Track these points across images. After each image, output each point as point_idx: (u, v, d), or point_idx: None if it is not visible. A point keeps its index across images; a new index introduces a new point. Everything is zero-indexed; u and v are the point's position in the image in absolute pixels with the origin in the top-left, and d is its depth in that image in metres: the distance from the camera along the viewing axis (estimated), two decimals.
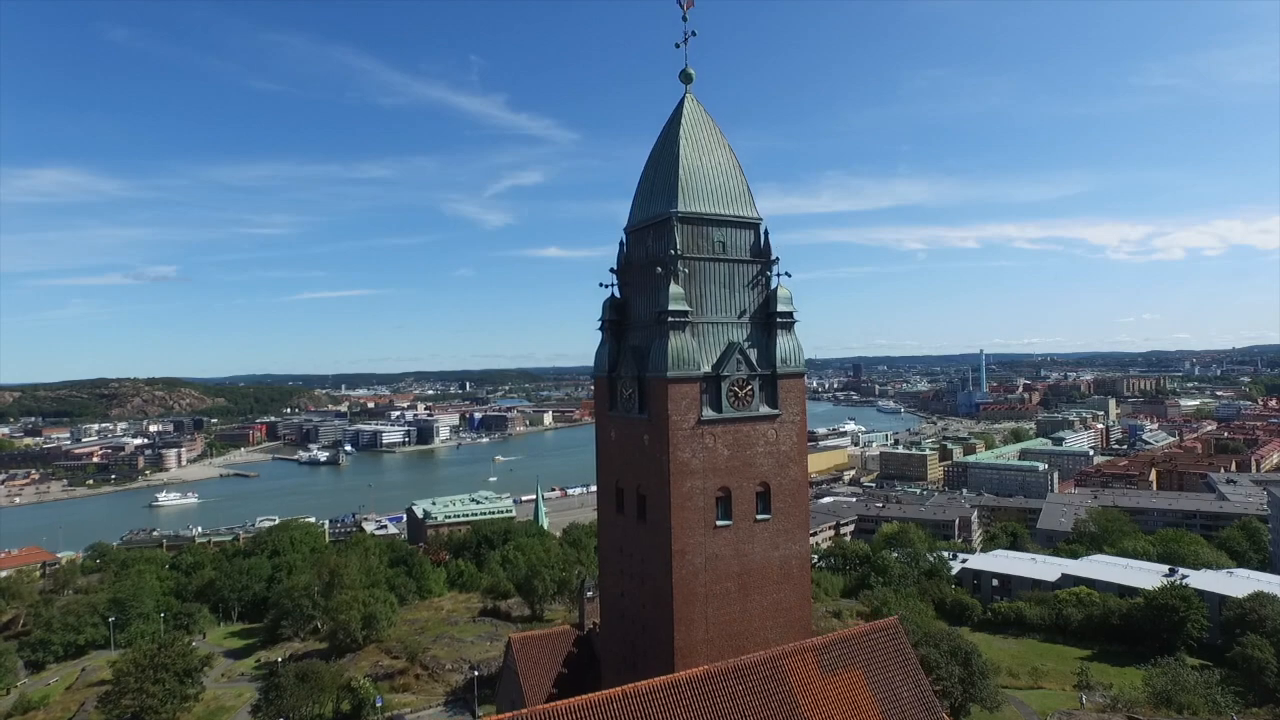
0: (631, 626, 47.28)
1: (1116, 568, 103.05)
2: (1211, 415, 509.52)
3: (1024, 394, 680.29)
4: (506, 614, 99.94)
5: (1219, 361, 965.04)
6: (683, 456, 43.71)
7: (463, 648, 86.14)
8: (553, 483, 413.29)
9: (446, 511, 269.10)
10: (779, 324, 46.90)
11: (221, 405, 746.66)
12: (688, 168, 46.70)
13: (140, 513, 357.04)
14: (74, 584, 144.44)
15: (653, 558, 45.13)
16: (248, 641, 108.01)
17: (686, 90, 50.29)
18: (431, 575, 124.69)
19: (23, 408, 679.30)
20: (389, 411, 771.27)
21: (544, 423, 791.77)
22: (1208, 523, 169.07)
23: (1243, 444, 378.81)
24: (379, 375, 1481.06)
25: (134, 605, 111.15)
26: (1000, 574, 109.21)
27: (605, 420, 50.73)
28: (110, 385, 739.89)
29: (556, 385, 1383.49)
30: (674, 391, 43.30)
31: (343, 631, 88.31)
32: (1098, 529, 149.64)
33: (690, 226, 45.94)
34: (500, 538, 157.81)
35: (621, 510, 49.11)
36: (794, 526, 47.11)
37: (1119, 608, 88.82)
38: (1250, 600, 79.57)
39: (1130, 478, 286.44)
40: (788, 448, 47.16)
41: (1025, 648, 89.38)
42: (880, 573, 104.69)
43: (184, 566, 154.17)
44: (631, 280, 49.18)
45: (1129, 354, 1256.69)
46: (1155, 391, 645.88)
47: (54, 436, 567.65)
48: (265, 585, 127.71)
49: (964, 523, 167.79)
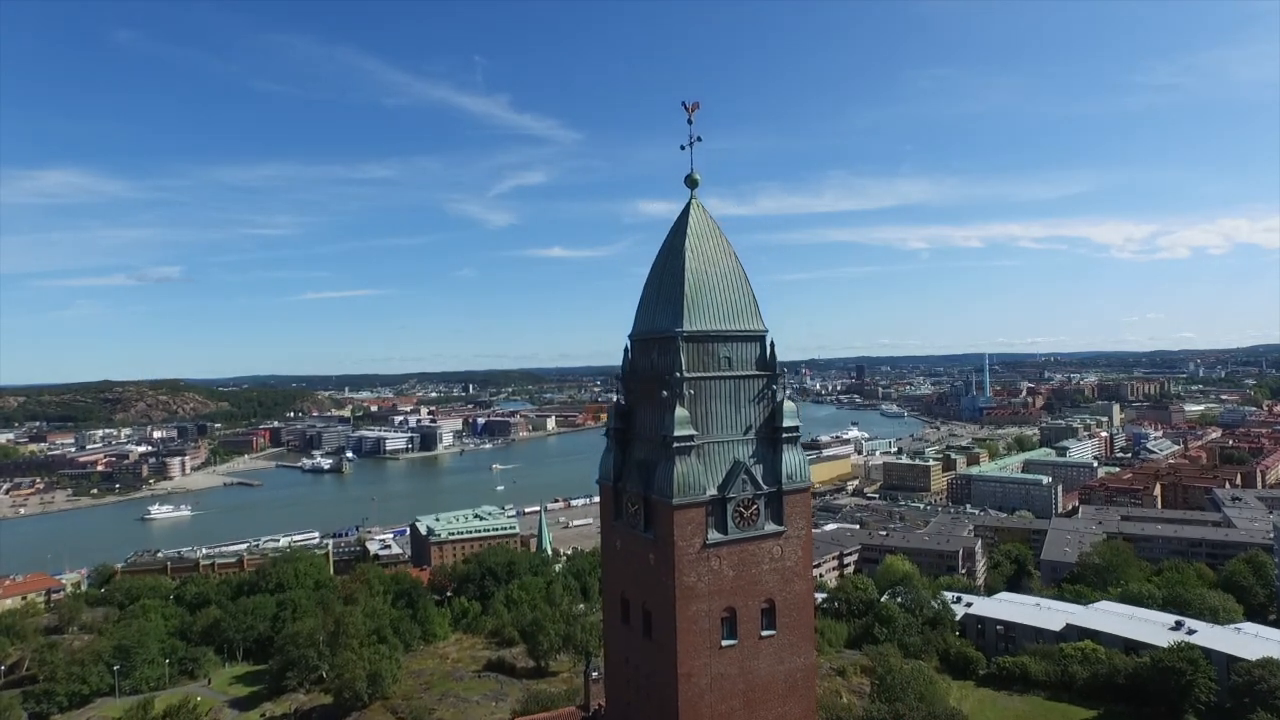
0: None
1: (1122, 618, 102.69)
2: (1216, 421, 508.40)
3: (1028, 398, 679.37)
4: (511, 666, 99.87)
5: (1224, 362, 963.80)
6: (688, 581, 43.42)
7: (468, 709, 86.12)
8: (556, 493, 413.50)
9: (450, 529, 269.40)
10: (784, 439, 46.49)
11: (225, 409, 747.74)
12: (693, 283, 46.21)
13: (135, 528, 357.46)
14: (79, 619, 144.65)
15: (659, 677, 44.92)
16: (253, 689, 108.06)
17: (692, 195, 49.85)
18: (435, 618, 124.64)
19: (27, 412, 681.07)
20: (392, 416, 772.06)
21: (547, 428, 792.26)
22: (1214, 550, 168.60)
23: (1247, 453, 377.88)
24: (382, 376, 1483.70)
25: (139, 652, 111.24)
26: (1005, 621, 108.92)
27: (610, 529, 50.45)
28: (114, 389, 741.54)
29: (560, 387, 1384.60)
30: (680, 517, 43.00)
31: (348, 690, 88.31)
32: (1103, 562, 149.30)
33: (696, 344, 45.49)
34: (504, 570, 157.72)
35: (627, 622, 48.83)
36: (799, 640, 46.79)
37: (1125, 666, 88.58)
38: (1259, 667, 79.18)
39: (1135, 492, 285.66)
40: (792, 563, 46.71)
41: (1030, 706, 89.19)
42: (884, 623, 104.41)
43: (188, 599, 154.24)
44: (636, 389, 48.89)
45: (1133, 354, 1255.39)
46: (1159, 395, 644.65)
47: (59, 443, 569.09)
48: (270, 624, 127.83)
49: (968, 553, 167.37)
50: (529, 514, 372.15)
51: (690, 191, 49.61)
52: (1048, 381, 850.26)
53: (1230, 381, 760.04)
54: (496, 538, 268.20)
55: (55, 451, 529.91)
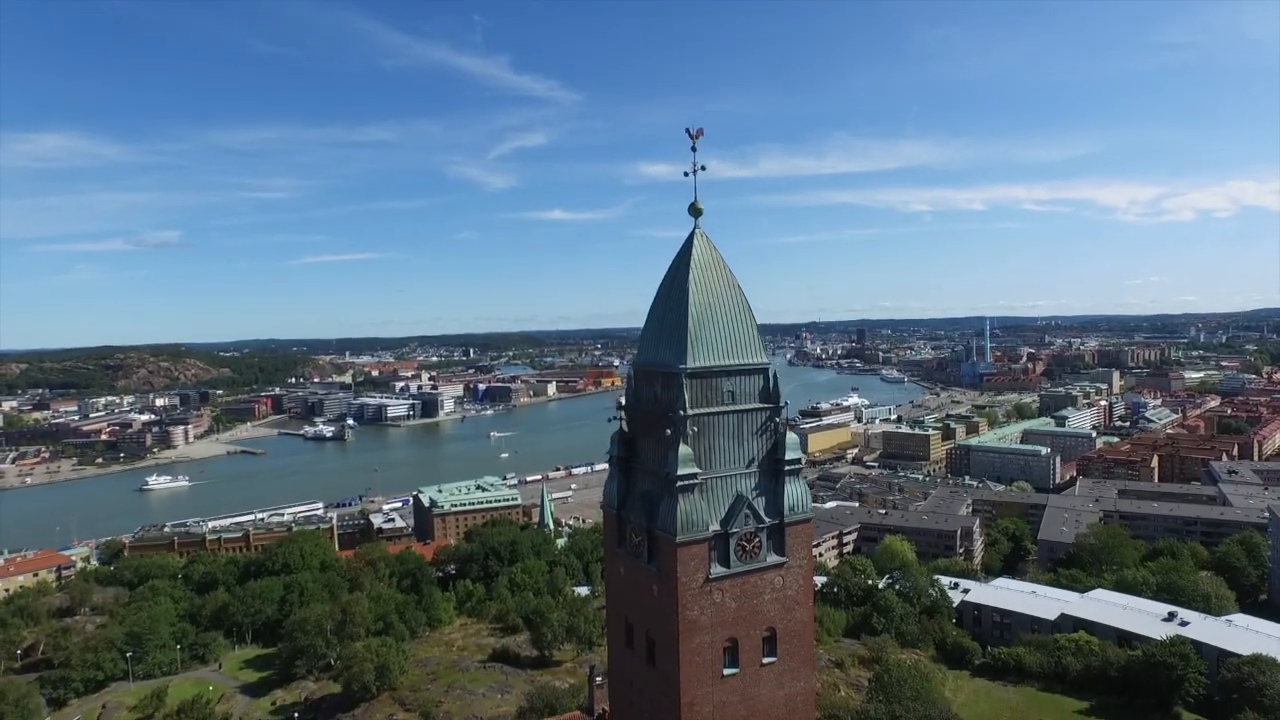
0: None
1: (1116, 608, 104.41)
2: (1215, 389, 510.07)
3: (1028, 364, 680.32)
4: (516, 656, 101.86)
5: (1225, 326, 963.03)
6: (691, 615, 44.05)
7: (474, 702, 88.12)
8: (557, 461, 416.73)
9: (452, 500, 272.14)
10: (787, 471, 46.80)
11: (226, 375, 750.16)
12: (696, 319, 45.97)
13: (135, 498, 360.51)
14: (90, 601, 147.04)
15: (662, 705, 45.87)
16: (262, 675, 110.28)
17: (696, 225, 49.39)
18: (440, 603, 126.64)
19: (30, 379, 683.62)
20: (393, 381, 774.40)
21: (548, 393, 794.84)
22: (1209, 530, 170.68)
23: (1245, 423, 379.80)
24: (383, 340, 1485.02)
25: (150, 638, 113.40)
26: (1001, 609, 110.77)
27: (614, 556, 50.94)
28: (116, 356, 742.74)
29: (560, 350, 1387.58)
30: (683, 554, 43.42)
31: (356, 682, 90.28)
32: (1099, 544, 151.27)
33: (699, 380, 45.46)
34: (507, 549, 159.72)
35: (631, 647, 49.60)
36: (799, 665, 47.60)
37: (1117, 659, 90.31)
38: (1249, 664, 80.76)
39: (1132, 464, 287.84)
40: (794, 591, 47.23)
41: (1024, 698, 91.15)
42: (883, 613, 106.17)
43: (196, 579, 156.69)
44: (639, 419, 49.04)
45: (1135, 317, 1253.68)
46: (1160, 362, 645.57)
47: (62, 410, 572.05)
48: (277, 608, 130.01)
49: (965, 533, 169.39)
50: (530, 483, 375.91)
51: (694, 220, 49.27)
52: (1048, 346, 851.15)
53: (1231, 347, 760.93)
54: (499, 509, 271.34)
55: (59, 420, 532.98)
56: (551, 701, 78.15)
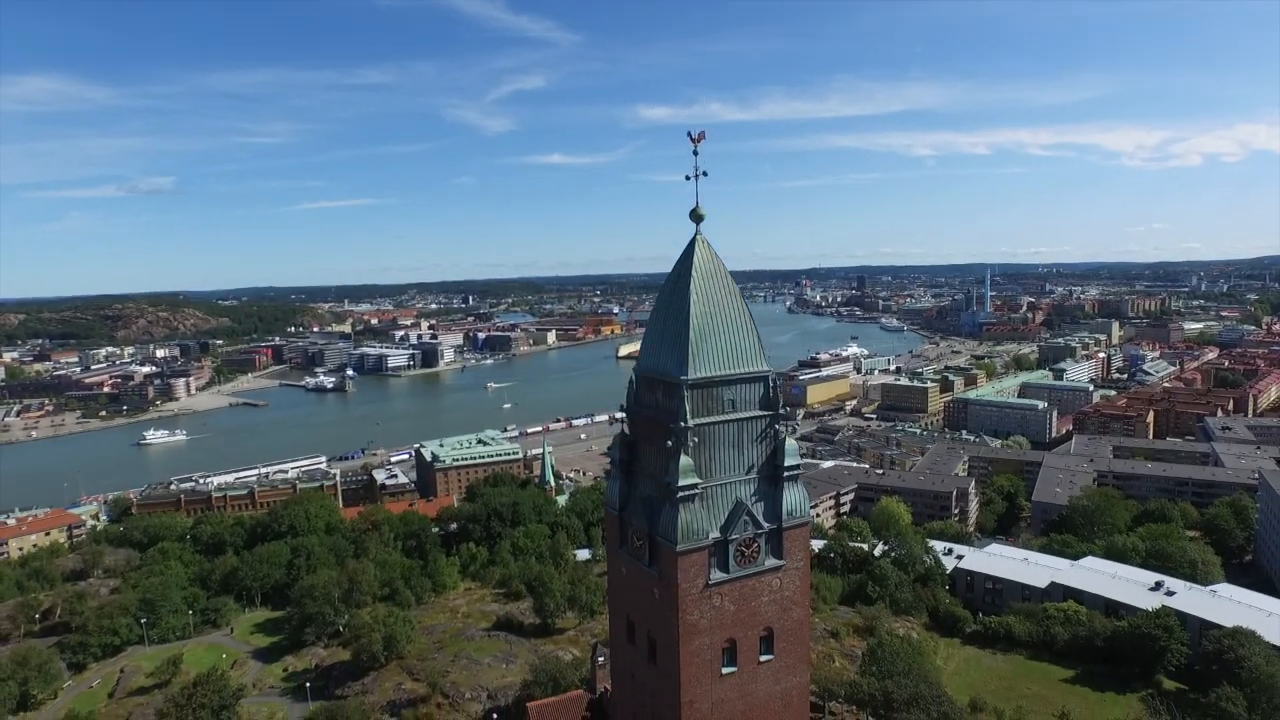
0: None
1: (1104, 577, 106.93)
2: (1214, 341, 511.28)
3: (1027, 313, 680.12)
4: (519, 624, 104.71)
5: (1227, 275, 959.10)
6: (691, 619, 45.43)
7: (480, 672, 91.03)
8: (557, 411, 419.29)
9: (454, 455, 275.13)
10: (786, 477, 47.63)
11: (226, 325, 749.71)
12: (698, 329, 46.14)
13: (133, 453, 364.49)
14: (102, 563, 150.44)
15: (662, 701, 47.66)
16: (273, 640, 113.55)
17: (697, 231, 49.34)
18: (444, 568, 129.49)
19: (29, 329, 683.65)
20: (393, 331, 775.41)
21: (548, 341, 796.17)
22: (1200, 490, 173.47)
23: (1242, 376, 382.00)
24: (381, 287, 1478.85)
25: (163, 604, 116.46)
26: (993, 576, 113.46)
27: (616, 556, 52.22)
28: (114, 306, 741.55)
29: (559, 297, 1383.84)
30: (683, 562, 44.56)
31: (365, 653, 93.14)
32: (1092, 505, 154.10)
33: (700, 390, 45.91)
34: (509, 511, 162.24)
35: (632, 643, 51.23)
36: (795, 661, 49.31)
37: (1104, 629, 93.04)
38: (1229, 636, 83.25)
39: (1128, 420, 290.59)
40: (791, 592, 48.59)
41: (1012, 666, 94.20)
42: (878, 581, 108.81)
43: (205, 540, 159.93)
44: (641, 424, 49.73)
45: (1137, 264, 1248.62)
46: (1160, 312, 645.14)
47: (63, 362, 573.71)
48: (285, 571, 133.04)
49: (961, 494, 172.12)
50: (531, 434, 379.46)
51: (696, 226, 49.16)
52: (1049, 295, 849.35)
53: (1232, 296, 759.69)
54: (500, 463, 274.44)
55: (61, 371, 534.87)
56: (555, 675, 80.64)
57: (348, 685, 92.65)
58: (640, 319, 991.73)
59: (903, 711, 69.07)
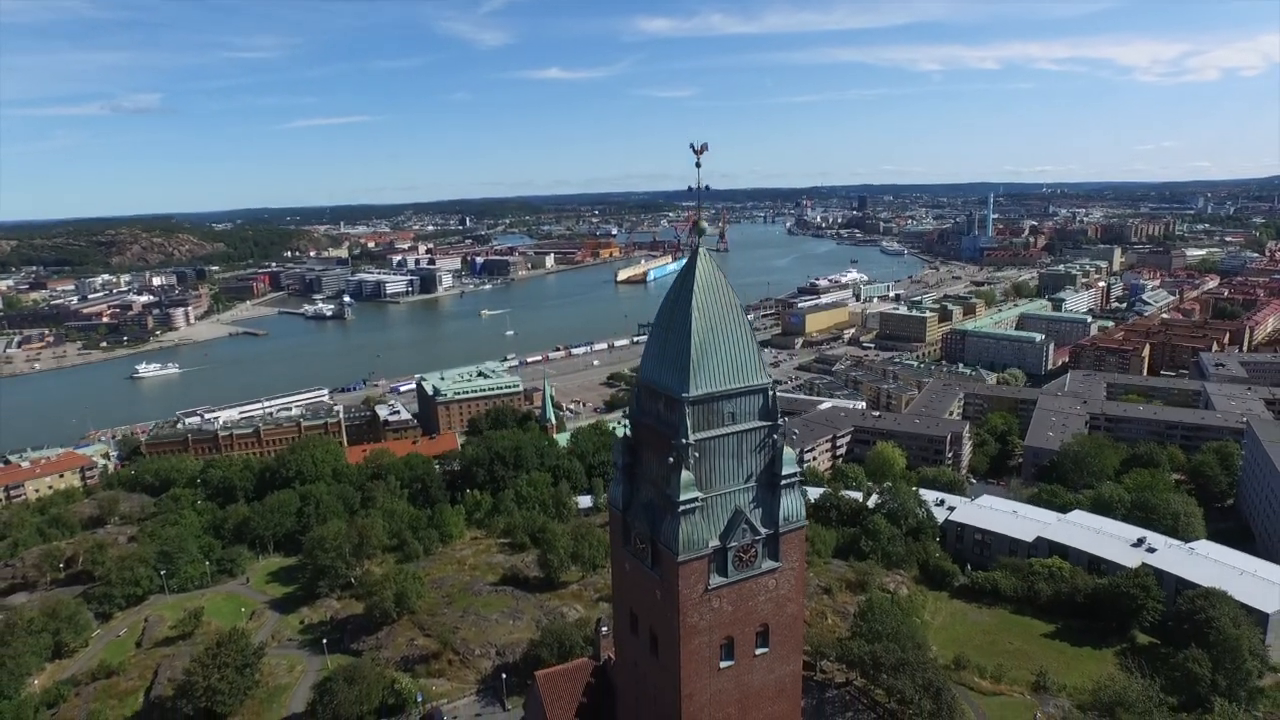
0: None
1: (1089, 533, 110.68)
2: (1215, 268, 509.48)
3: (1029, 238, 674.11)
4: (524, 578, 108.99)
5: (1234, 196, 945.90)
6: (691, 621, 48.03)
7: (488, 628, 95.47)
8: (556, 340, 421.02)
9: (455, 389, 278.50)
10: (783, 485, 49.43)
11: (221, 250, 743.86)
12: (699, 346, 46.87)
13: (127, 387, 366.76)
14: (118, 510, 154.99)
15: (663, 692, 50.90)
16: (288, 589, 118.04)
17: (699, 244, 49.76)
18: (450, 517, 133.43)
19: (22, 256, 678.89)
20: (390, 255, 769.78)
21: (546, 265, 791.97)
22: (1189, 434, 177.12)
23: (1240, 307, 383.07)
24: (377, 208, 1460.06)
25: (180, 555, 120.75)
26: (982, 529, 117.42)
27: (620, 553, 54.55)
28: (107, 231, 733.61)
29: (557, 217, 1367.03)
30: (684, 570, 46.77)
31: (377, 609, 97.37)
32: (1082, 451, 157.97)
33: (701, 405, 47.11)
34: (512, 454, 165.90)
35: (635, 633, 54.13)
36: (789, 652, 52.33)
37: (1085, 585, 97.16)
38: (1201, 598, 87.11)
39: (1124, 353, 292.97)
40: (786, 590, 51.05)
41: (997, 620, 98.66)
42: (871, 536, 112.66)
43: (214, 484, 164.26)
44: (643, 430, 51.16)
45: (1143, 185, 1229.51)
46: (1163, 237, 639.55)
47: (59, 290, 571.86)
48: (295, 519, 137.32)
49: (955, 438, 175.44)
50: (531, 363, 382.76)
51: (698, 239, 49.49)
52: (1052, 217, 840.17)
53: (1238, 219, 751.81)
54: (500, 396, 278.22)
55: (58, 301, 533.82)
56: (561, 635, 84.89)
57: (362, 639, 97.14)
58: (639, 240, 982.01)
59: (889, 676, 72.99)
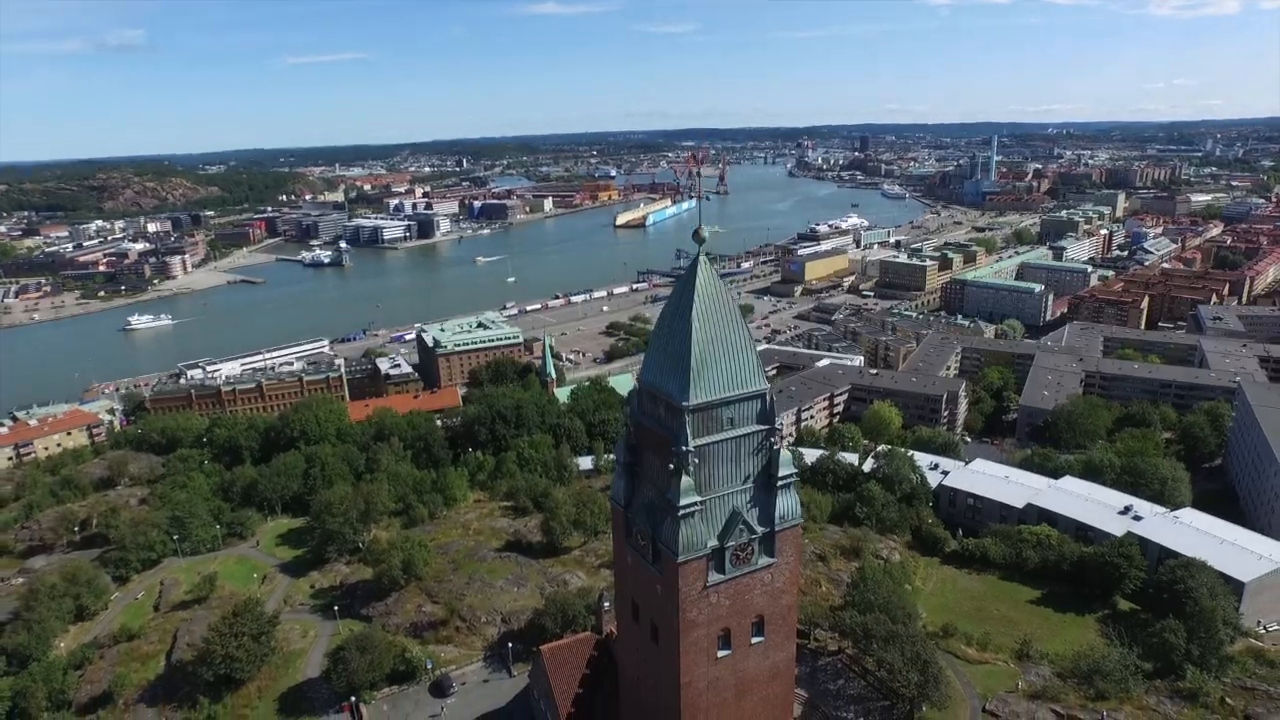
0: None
1: (1078, 500, 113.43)
2: (1220, 215, 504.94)
3: (1033, 182, 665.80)
4: (528, 543, 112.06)
5: (1244, 137, 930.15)
6: (690, 616, 50.44)
7: (494, 595, 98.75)
8: (555, 287, 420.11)
9: (455, 340, 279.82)
10: (780, 486, 51.12)
11: (215, 195, 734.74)
12: (699, 356, 47.88)
13: (119, 339, 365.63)
14: (128, 472, 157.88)
15: (663, 679, 53.68)
16: (297, 553, 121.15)
17: (700, 251, 50.60)
18: (454, 480, 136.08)
19: (13, 201, 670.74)
20: (386, 199, 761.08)
21: (544, 209, 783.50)
22: (1182, 393, 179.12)
23: (1243, 255, 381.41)
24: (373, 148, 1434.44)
25: (190, 520, 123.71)
26: (975, 495, 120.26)
27: (622, 547, 56.67)
28: (99, 174, 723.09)
29: (555, 158, 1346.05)
30: (684, 570, 48.95)
31: (385, 576, 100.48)
32: (1075, 411, 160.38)
33: (701, 413, 48.35)
34: (513, 414, 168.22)
35: (637, 621, 56.62)
36: (783, 639, 55.07)
37: (1072, 554, 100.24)
38: (1182, 568, 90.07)
39: (1122, 305, 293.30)
40: (781, 583, 53.44)
41: (986, 586, 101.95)
42: (866, 503, 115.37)
43: (220, 443, 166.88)
44: (644, 432, 52.66)
45: (1151, 125, 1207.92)
46: (1168, 182, 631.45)
47: (53, 236, 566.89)
48: (302, 481, 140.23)
49: (951, 397, 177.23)
50: (530, 312, 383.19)
51: (699, 247, 50.22)
52: (1057, 159, 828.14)
53: (1246, 163, 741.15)
54: (500, 348, 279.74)
55: (53, 248, 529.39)
56: (564, 605, 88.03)
57: (372, 605, 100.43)
58: (638, 182, 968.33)
59: (880, 647, 76.11)
